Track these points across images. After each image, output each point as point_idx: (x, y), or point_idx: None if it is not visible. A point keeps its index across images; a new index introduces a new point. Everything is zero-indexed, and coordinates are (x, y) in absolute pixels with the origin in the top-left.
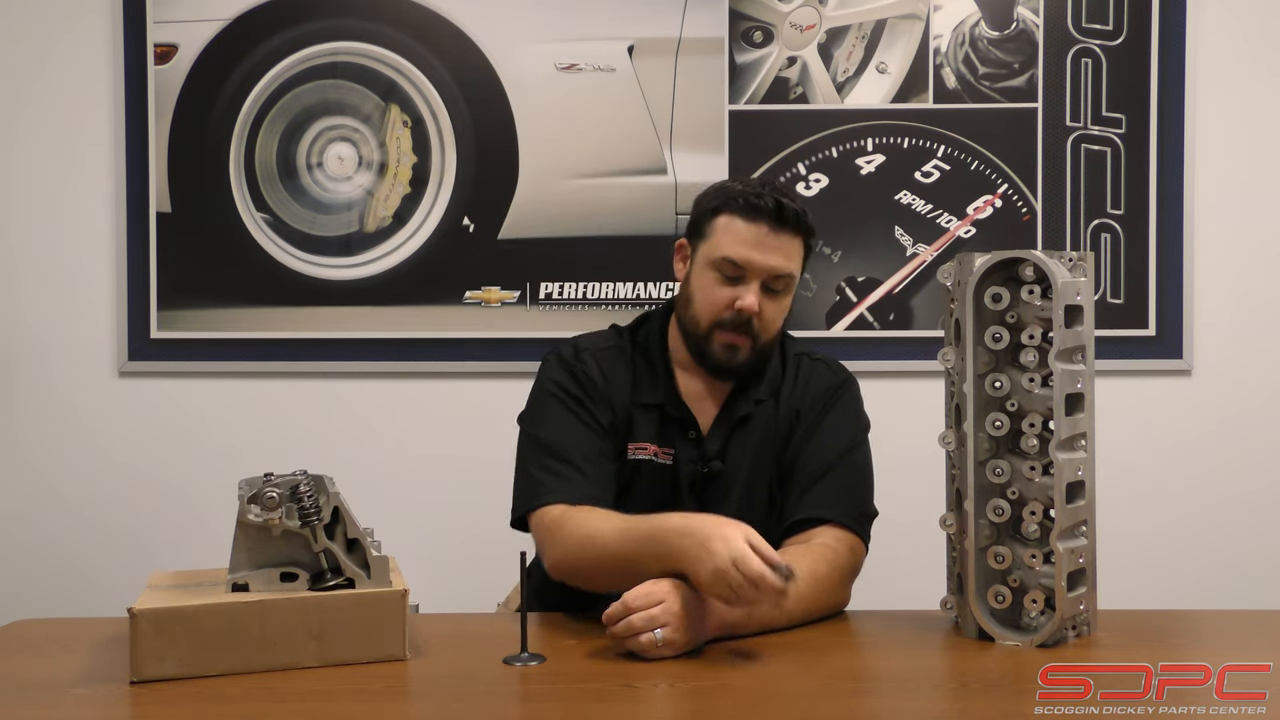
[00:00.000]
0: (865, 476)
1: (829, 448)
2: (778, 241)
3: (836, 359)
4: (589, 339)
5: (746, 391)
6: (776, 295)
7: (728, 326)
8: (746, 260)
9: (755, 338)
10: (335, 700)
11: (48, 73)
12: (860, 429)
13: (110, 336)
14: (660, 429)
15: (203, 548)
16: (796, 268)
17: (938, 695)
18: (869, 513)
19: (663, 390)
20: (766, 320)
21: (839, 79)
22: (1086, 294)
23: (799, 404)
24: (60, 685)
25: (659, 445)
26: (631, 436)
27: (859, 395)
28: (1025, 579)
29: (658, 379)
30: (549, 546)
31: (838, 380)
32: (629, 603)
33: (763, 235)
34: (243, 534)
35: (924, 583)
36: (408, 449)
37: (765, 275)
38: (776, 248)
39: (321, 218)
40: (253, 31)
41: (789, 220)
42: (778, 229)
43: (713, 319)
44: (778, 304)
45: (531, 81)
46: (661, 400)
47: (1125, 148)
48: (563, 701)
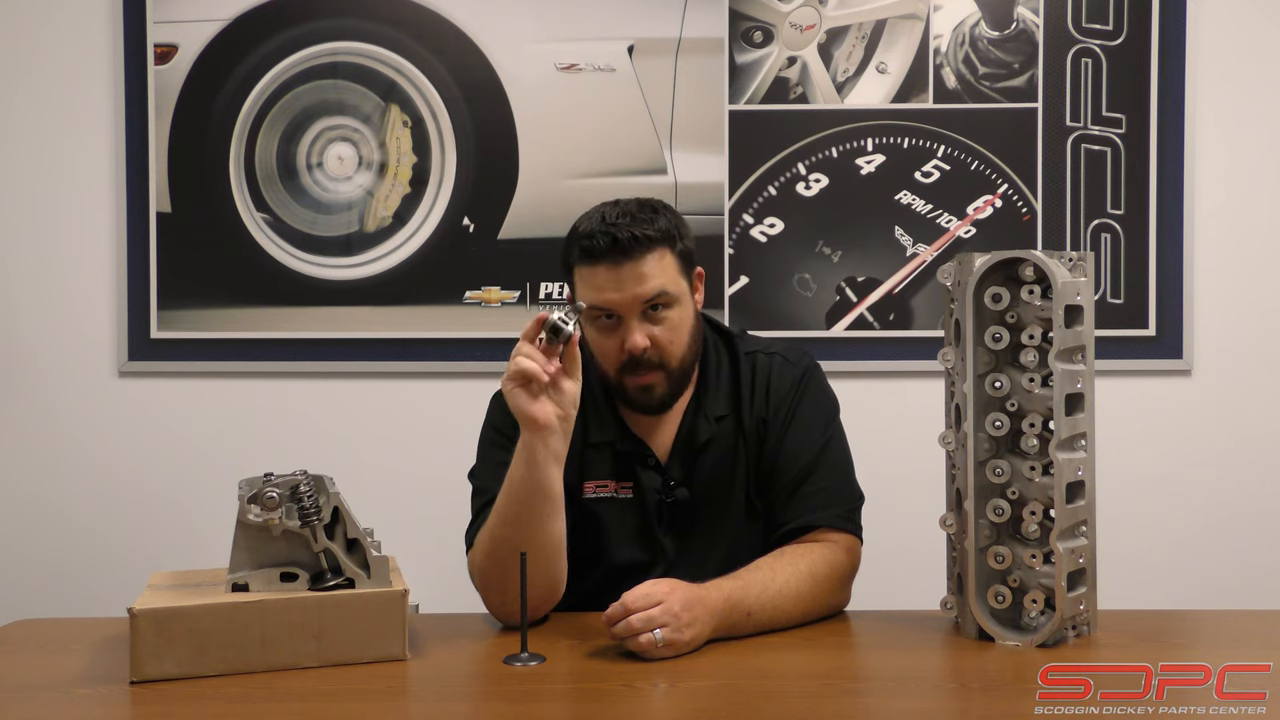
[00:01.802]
0: (846, 465)
1: (805, 448)
2: (627, 273)
3: (794, 345)
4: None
5: (702, 409)
6: (662, 318)
7: (630, 370)
8: (608, 303)
9: (664, 366)
10: (335, 700)
11: (48, 73)
12: (831, 414)
13: (110, 336)
14: (615, 464)
15: (202, 548)
16: (667, 282)
17: (938, 695)
18: (856, 503)
19: (610, 427)
20: (663, 345)
21: (839, 79)
22: (1086, 294)
23: (763, 411)
24: (60, 685)
25: (616, 481)
26: (587, 475)
27: (821, 379)
28: (1025, 579)
29: (603, 415)
30: (477, 581)
31: (798, 372)
32: (628, 603)
33: (608, 273)
34: (243, 534)
35: (924, 583)
36: (408, 449)
37: (637, 306)
38: (630, 277)
39: (321, 218)
40: (253, 32)
41: (627, 248)
42: (620, 261)
43: (615, 367)
44: (668, 325)
45: (531, 81)
46: (611, 438)
47: (1125, 148)
48: (563, 701)
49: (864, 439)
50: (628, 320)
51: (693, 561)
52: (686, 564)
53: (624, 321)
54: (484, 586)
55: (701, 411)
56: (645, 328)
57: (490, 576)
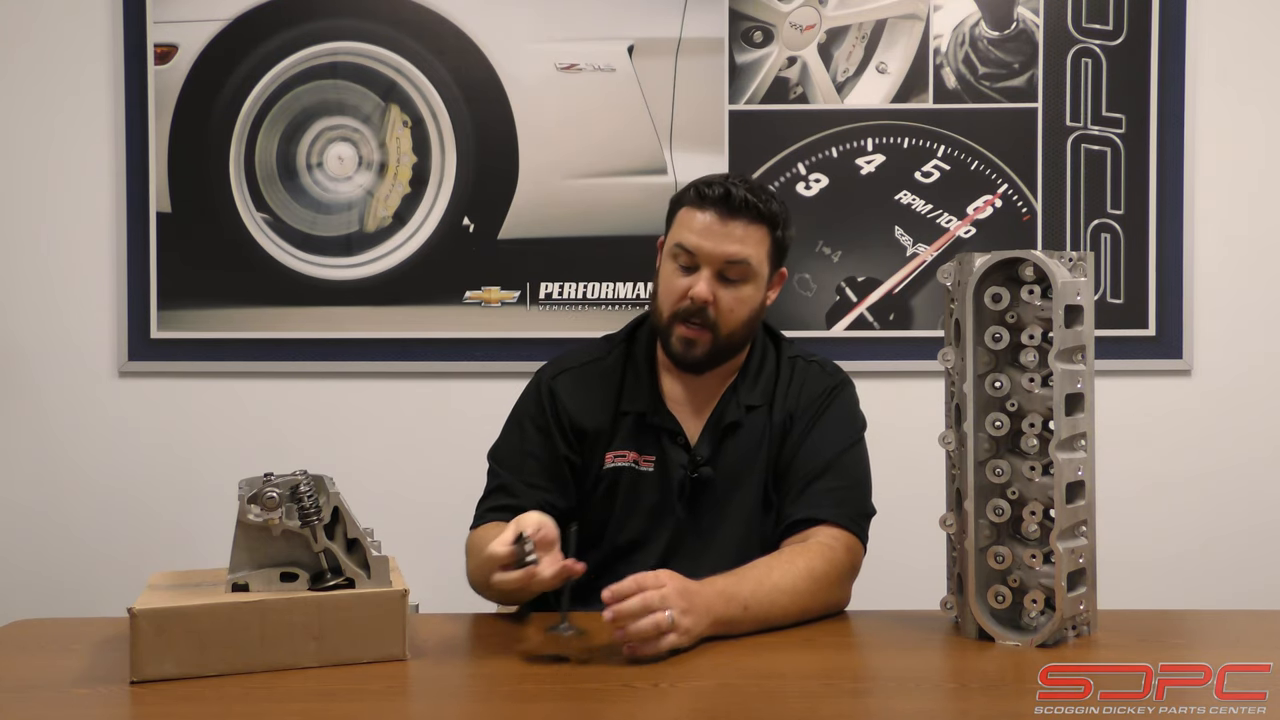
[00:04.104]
0: (862, 476)
1: (825, 449)
2: (728, 228)
3: (833, 361)
4: (572, 356)
5: (737, 395)
6: (734, 284)
7: (683, 318)
8: (697, 246)
9: (714, 329)
10: (335, 700)
11: (48, 73)
12: (856, 429)
13: (110, 336)
14: (641, 435)
15: (202, 548)
16: (753, 254)
17: (938, 695)
18: (867, 512)
19: (646, 397)
20: (723, 309)
21: (839, 79)
22: (1086, 294)
23: (793, 408)
24: (60, 685)
25: (638, 452)
26: (611, 445)
27: (855, 396)
28: (1025, 579)
29: (641, 387)
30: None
31: (833, 382)
32: (641, 579)
33: (712, 222)
34: (243, 534)
35: (924, 583)
36: (408, 449)
37: (718, 262)
38: (727, 234)
39: (321, 218)
40: (253, 32)
41: (738, 207)
42: (727, 216)
43: (671, 309)
44: (736, 293)
45: (531, 81)
46: (644, 408)
47: (1125, 148)
48: (562, 701)
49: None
50: (705, 270)
51: (695, 547)
52: (688, 548)
53: (700, 270)
54: (470, 573)
55: (736, 398)
56: (715, 285)
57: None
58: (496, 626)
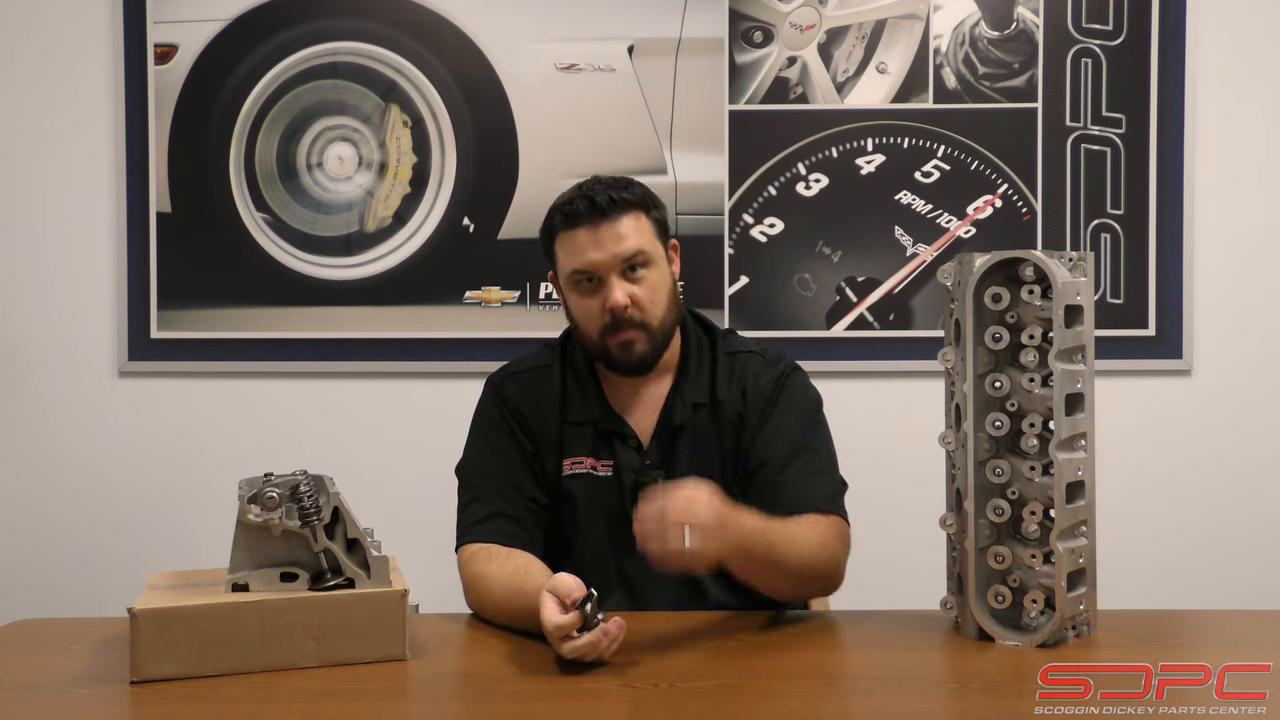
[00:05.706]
0: (828, 455)
1: (784, 440)
2: (605, 233)
3: (774, 348)
4: (519, 361)
5: (680, 395)
6: (640, 277)
7: (611, 330)
8: (590, 264)
9: (645, 325)
10: (335, 700)
11: (48, 73)
12: (813, 409)
13: (110, 336)
14: (595, 442)
15: (202, 548)
16: (643, 241)
17: (938, 695)
18: (840, 489)
19: (593, 405)
20: (643, 303)
21: (839, 79)
22: (1086, 294)
23: (740, 406)
24: (60, 685)
25: (595, 458)
26: (565, 453)
27: (803, 376)
28: (1025, 579)
29: (587, 394)
30: (464, 585)
31: (779, 370)
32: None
33: (590, 235)
34: (243, 534)
35: (924, 583)
36: (408, 449)
37: (616, 265)
38: (610, 237)
39: (321, 218)
40: (253, 32)
41: (605, 208)
42: (600, 220)
43: (598, 329)
44: (647, 284)
45: (531, 81)
46: (594, 416)
47: (1125, 148)
48: (562, 701)
49: (864, 439)
50: (608, 279)
51: None
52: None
53: (604, 281)
54: (469, 595)
55: (679, 396)
56: (625, 286)
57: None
58: (496, 626)
